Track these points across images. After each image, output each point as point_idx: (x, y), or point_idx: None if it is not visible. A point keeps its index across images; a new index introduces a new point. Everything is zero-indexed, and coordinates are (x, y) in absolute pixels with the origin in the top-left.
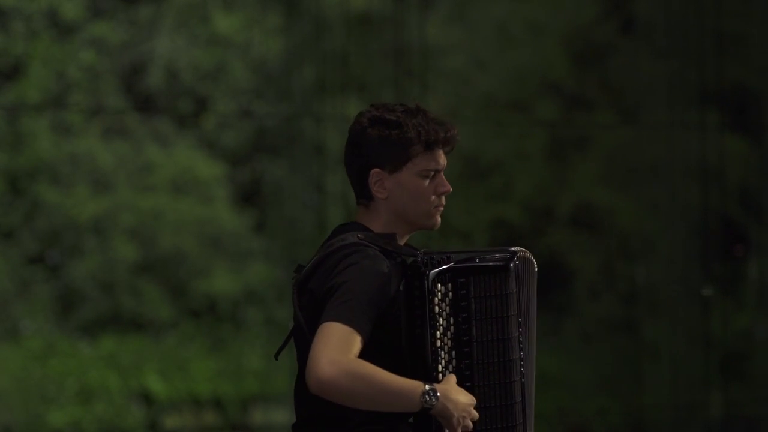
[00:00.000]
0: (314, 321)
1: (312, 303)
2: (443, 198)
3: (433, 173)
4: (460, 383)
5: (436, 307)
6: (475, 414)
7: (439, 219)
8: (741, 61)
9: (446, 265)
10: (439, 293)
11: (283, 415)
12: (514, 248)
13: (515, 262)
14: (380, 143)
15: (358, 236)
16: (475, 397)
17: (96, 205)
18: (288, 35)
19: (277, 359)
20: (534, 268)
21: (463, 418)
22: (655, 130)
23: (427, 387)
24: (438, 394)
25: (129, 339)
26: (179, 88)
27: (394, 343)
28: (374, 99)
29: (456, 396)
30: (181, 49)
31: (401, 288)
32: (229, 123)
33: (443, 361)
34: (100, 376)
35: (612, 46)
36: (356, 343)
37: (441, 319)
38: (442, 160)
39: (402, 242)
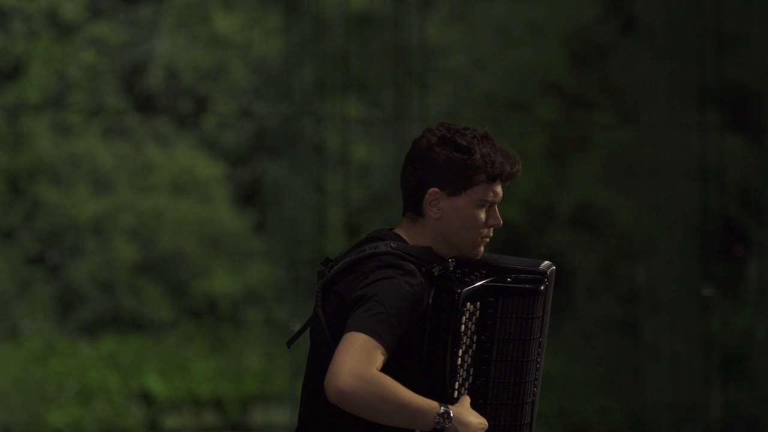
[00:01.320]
0: (337, 325)
1: (337, 307)
2: (491, 230)
3: (489, 204)
4: (473, 399)
5: (462, 326)
6: None
7: (482, 249)
8: (741, 61)
9: (478, 282)
10: (467, 312)
11: (283, 415)
12: (544, 265)
13: (545, 284)
14: (446, 164)
15: (391, 246)
16: (486, 413)
17: (96, 205)
18: (288, 35)
19: (289, 347)
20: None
21: None
22: (655, 130)
23: (442, 409)
24: (451, 415)
25: (129, 339)
26: (179, 88)
27: (413, 353)
28: (374, 99)
29: (468, 418)
30: (181, 49)
31: (430, 301)
32: (229, 123)
33: (461, 378)
34: (100, 376)
35: (612, 46)
36: (380, 356)
37: (465, 337)
38: (501, 192)
39: None
